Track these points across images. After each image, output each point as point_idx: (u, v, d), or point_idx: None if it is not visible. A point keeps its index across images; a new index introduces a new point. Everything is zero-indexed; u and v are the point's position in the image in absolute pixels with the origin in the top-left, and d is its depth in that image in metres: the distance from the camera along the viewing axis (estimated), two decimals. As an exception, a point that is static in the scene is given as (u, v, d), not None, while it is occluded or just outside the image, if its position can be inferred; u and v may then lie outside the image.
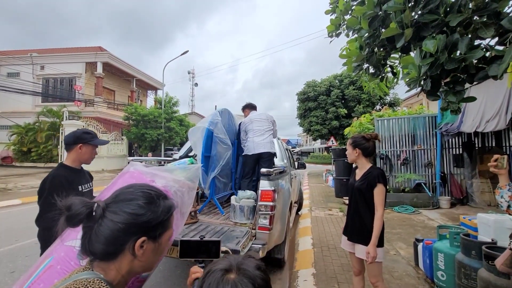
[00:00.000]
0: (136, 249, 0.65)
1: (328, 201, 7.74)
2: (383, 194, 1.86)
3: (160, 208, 0.70)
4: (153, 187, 0.75)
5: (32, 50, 20.18)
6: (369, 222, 1.87)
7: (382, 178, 1.87)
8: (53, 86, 19.66)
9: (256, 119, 3.62)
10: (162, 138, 17.70)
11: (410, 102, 21.51)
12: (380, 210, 1.84)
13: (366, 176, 1.93)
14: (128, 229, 0.65)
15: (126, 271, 0.67)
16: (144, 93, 26.98)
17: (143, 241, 0.65)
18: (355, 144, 2.00)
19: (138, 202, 0.68)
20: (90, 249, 0.64)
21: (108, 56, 19.13)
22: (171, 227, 0.75)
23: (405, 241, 4.05)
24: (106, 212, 0.66)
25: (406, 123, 7.34)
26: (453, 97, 1.83)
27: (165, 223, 0.72)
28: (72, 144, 1.74)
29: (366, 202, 1.91)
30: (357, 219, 1.96)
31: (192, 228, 2.43)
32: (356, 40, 2.51)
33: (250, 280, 0.52)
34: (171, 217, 0.74)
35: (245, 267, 0.54)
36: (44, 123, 15.60)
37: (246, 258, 0.58)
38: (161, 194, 0.74)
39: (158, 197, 0.72)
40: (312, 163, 32.18)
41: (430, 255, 2.75)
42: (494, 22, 1.59)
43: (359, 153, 1.98)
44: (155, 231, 0.68)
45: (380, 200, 1.85)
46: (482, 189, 6.29)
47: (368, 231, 1.84)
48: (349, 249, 2.06)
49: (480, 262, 2.08)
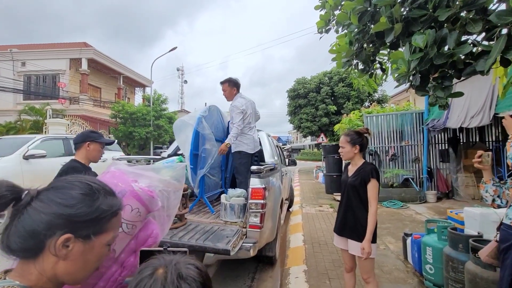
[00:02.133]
0: (57, 248, 0.54)
1: (319, 197, 7.80)
2: (377, 189, 1.86)
3: (98, 202, 0.59)
4: (100, 181, 0.66)
5: (12, 45, 19.34)
6: (362, 218, 1.87)
7: (376, 173, 1.88)
8: (35, 83, 18.92)
9: (254, 111, 3.48)
10: (151, 136, 17.37)
11: (397, 99, 21.91)
12: (374, 205, 1.84)
13: (359, 172, 1.93)
14: (52, 221, 0.54)
15: (51, 275, 0.56)
16: (132, 91, 26.37)
17: (67, 239, 0.54)
18: (353, 141, 1.98)
19: (71, 191, 0.58)
20: (8, 244, 0.54)
21: (93, 52, 18.55)
22: (112, 230, 0.63)
23: (394, 235, 4.12)
24: (34, 200, 0.56)
25: (394, 119, 7.47)
26: (441, 93, 1.84)
27: (102, 223, 0.60)
28: (81, 142, 1.86)
29: (359, 198, 1.91)
30: (350, 215, 1.95)
31: (181, 228, 2.37)
32: (346, 35, 2.50)
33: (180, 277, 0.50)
34: (113, 218, 0.62)
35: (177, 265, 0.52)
36: (26, 121, 15.01)
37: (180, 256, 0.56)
38: (106, 189, 0.64)
39: (99, 191, 0.61)
40: (303, 160, 32.42)
41: (418, 249, 2.79)
42: (481, 18, 1.60)
43: (358, 149, 1.97)
44: (85, 229, 0.57)
45: (374, 195, 1.85)
46: (466, 183, 6.48)
47: (362, 227, 1.84)
48: (342, 246, 2.04)
49: (467, 255, 2.12)
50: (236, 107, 3.28)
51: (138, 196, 0.91)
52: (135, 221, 0.91)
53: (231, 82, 3.41)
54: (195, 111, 3.32)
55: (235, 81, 3.43)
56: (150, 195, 0.94)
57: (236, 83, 3.43)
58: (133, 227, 0.91)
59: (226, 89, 3.43)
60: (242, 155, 3.33)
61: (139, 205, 0.91)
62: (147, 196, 0.93)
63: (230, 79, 3.43)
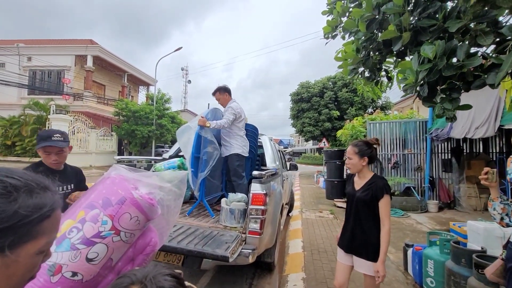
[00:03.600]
0: None
1: (319, 202, 7.75)
2: (389, 205, 1.75)
3: (16, 205, 0.46)
4: (22, 174, 0.51)
5: (19, 40, 19.47)
6: (372, 235, 1.75)
7: (389, 189, 1.76)
8: (40, 78, 19.03)
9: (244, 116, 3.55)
10: (153, 135, 17.39)
11: (401, 106, 21.86)
12: (387, 223, 1.71)
13: (369, 186, 1.79)
14: None
15: None
16: (136, 89, 26.48)
17: None
18: (362, 153, 1.83)
19: None
20: None
21: (99, 50, 18.65)
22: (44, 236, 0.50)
23: (394, 245, 4.07)
24: None
25: (398, 127, 7.43)
26: (449, 105, 1.81)
27: (25, 230, 0.47)
28: None
29: (370, 214, 1.78)
30: (359, 232, 1.82)
31: (180, 232, 2.34)
32: (353, 42, 2.48)
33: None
34: (44, 222, 0.49)
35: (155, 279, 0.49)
36: (30, 116, 15.09)
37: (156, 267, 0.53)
38: (32, 185, 0.50)
39: (18, 190, 0.48)
40: (304, 164, 32.33)
41: (419, 261, 2.74)
42: (492, 30, 1.58)
43: (367, 161, 1.84)
44: (1, 238, 0.45)
45: (387, 213, 1.73)
46: (469, 194, 6.42)
47: (373, 245, 1.73)
48: (346, 261, 1.91)
49: (469, 271, 2.07)
50: (232, 108, 3.36)
51: (137, 204, 0.88)
52: (134, 229, 0.89)
53: (221, 89, 3.49)
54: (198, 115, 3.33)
55: (224, 88, 3.51)
56: (150, 203, 0.91)
57: (225, 89, 3.51)
58: (131, 236, 0.89)
59: (220, 98, 3.51)
60: (239, 157, 3.37)
61: (138, 213, 0.88)
62: (147, 204, 0.90)
63: (219, 87, 3.51)
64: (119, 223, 0.85)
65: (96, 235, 0.81)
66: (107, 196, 0.87)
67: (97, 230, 0.82)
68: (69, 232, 0.82)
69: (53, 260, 0.77)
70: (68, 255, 0.78)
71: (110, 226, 0.83)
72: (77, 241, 0.80)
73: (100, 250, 0.81)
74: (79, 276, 0.78)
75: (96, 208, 0.85)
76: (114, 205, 0.86)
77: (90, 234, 0.81)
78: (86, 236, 0.81)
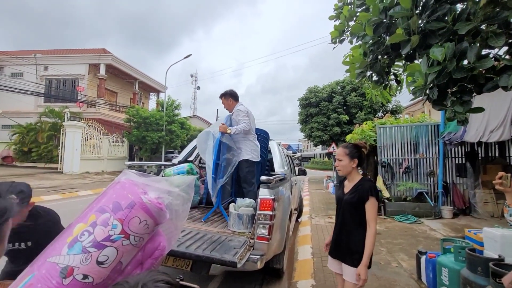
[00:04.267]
0: None
1: (329, 208, 7.64)
2: (375, 208, 1.70)
3: None
4: None
5: (37, 50, 20.31)
6: (357, 239, 1.70)
7: (375, 191, 1.71)
8: (56, 86, 19.73)
9: None
10: (163, 141, 17.65)
11: (412, 110, 21.46)
12: (373, 226, 1.67)
13: (356, 189, 1.76)
14: None
15: None
16: (146, 96, 27.04)
17: None
18: (352, 154, 1.81)
19: None
20: None
21: (111, 58, 19.21)
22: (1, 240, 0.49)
23: (407, 252, 3.96)
24: None
25: (408, 131, 7.29)
26: (460, 108, 1.77)
27: None
28: None
29: (356, 218, 1.74)
30: (344, 236, 1.78)
31: (188, 237, 2.36)
32: (360, 46, 2.47)
33: None
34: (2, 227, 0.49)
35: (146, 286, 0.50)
36: (46, 123, 15.61)
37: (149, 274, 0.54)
38: None
39: None
40: (313, 169, 32.04)
41: (433, 269, 2.66)
42: (504, 31, 1.54)
43: (357, 163, 1.82)
44: None
45: (373, 215, 1.68)
46: (485, 199, 6.19)
47: (357, 250, 1.67)
48: (335, 269, 1.87)
49: (486, 280, 1.99)
50: (241, 110, 3.33)
51: (146, 208, 0.90)
52: (142, 233, 0.90)
53: (226, 95, 3.48)
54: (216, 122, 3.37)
55: (230, 93, 3.49)
56: (159, 207, 0.93)
57: (230, 94, 3.48)
58: (140, 240, 0.90)
59: (224, 103, 3.51)
60: (249, 163, 3.32)
61: (147, 217, 0.90)
62: (156, 208, 0.92)
63: (226, 92, 3.49)
64: (128, 227, 0.86)
65: (106, 238, 0.83)
66: (117, 200, 0.89)
67: (108, 234, 0.84)
68: (80, 236, 0.84)
69: (65, 263, 0.79)
70: (80, 258, 0.80)
71: (120, 230, 0.85)
72: (88, 244, 0.82)
73: (110, 254, 0.83)
74: (90, 278, 0.80)
75: (107, 212, 0.87)
76: (124, 209, 0.88)
77: (101, 238, 0.83)
78: (97, 240, 0.83)
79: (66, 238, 0.86)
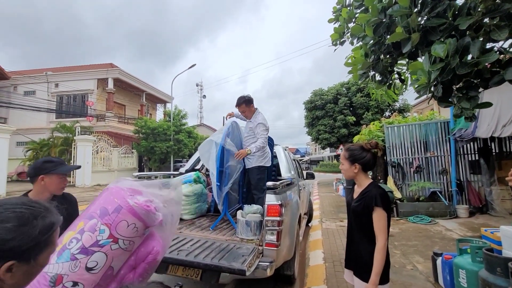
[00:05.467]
0: (1, 274, 0.59)
1: (339, 211, 7.52)
2: (385, 220, 1.47)
3: (37, 229, 0.63)
4: (31, 203, 0.68)
5: (48, 69, 21.04)
6: (365, 252, 1.53)
7: (382, 200, 1.48)
8: (66, 102, 20.32)
9: None
10: (171, 150, 17.86)
11: (420, 108, 21.11)
12: (381, 240, 1.45)
13: (363, 196, 1.57)
14: None
15: None
16: (154, 107, 27.51)
17: (11, 265, 0.60)
18: (353, 158, 1.61)
19: (6, 225, 0.61)
20: None
21: (118, 72, 19.70)
22: (52, 244, 0.68)
23: (422, 254, 3.84)
24: None
25: (418, 129, 7.15)
26: (467, 103, 1.73)
27: (43, 243, 0.65)
28: (33, 177, 1.58)
29: (362, 228, 1.56)
30: (353, 248, 1.64)
31: (197, 246, 2.35)
32: (361, 47, 2.46)
33: None
34: (53, 234, 0.67)
35: None
36: (58, 138, 16.04)
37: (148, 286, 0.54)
38: (39, 212, 0.67)
39: (35, 217, 0.65)
40: (322, 172, 31.70)
41: (450, 271, 2.57)
42: (507, 24, 1.51)
43: (359, 169, 1.60)
44: (28, 254, 0.62)
45: (381, 227, 1.46)
46: (502, 196, 5.98)
47: (365, 263, 1.51)
48: (350, 280, 1.70)
49: (507, 281, 1.91)
50: (263, 124, 3.28)
51: (134, 211, 0.90)
52: (132, 236, 0.90)
53: (246, 101, 3.37)
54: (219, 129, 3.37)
55: (249, 99, 3.39)
56: (147, 210, 0.93)
57: (250, 100, 3.39)
58: (130, 243, 0.90)
59: (245, 110, 3.38)
60: (261, 170, 3.30)
61: (135, 220, 0.90)
62: (143, 210, 0.92)
63: (244, 99, 3.37)
64: (116, 231, 0.86)
65: (94, 244, 0.83)
66: (104, 205, 0.90)
67: (95, 239, 0.84)
68: (69, 243, 0.84)
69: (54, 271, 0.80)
70: (68, 265, 0.80)
71: (108, 235, 0.85)
72: (76, 251, 0.82)
73: (99, 259, 0.83)
74: (79, 286, 0.80)
75: (94, 218, 0.87)
76: (111, 213, 0.88)
77: (89, 244, 0.83)
78: (85, 246, 0.83)
79: None
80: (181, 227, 2.98)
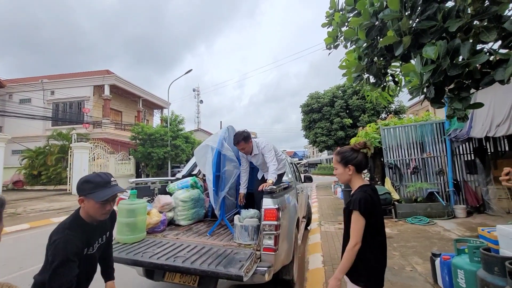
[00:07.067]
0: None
1: (338, 214, 7.51)
2: (359, 224, 1.47)
3: None
4: None
5: (43, 76, 20.96)
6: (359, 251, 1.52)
7: (360, 204, 1.47)
8: (62, 110, 20.21)
9: None
10: (168, 156, 17.77)
11: (416, 109, 21.27)
12: (352, 241, 1.46)
13: (350, 198, 1.57)
14: None
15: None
16: (151, 113, 27.45)
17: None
18: (345, 161, 1.59)
19: None
20: None
21: (115, 79, 19.68)
22: None
23: (421, 255, 3.83)
24: None
25: (413, 130, 7.20)
26: (459, 104, 1.75)
27: None
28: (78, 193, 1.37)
29: (349, 230, 1.56)
30: (344, 248, 1.62)
31: (194, 252, 2.33)
32: (355, 50, 2.48)
33: None
34: None
35: None
36: (54, 146, 15.93)
37: None
38: None
39: None
40: (320, 175, 31.71)
41: (449, 272, 2.56)
42: (495, 26, 1.54)
43: (353, 170, 1.58)
44: None
45: (354, 230, 1.47)
46: (499, 195, 6.01)
47: (354, 265, 1.50)
48: None
49: (504, 280, 1.91)
50: (267, 147, 3.23)
51: None
52: None
53: (245, 138, 3.16)
54: (215, 133, 3.34)
55: (247, 135, 3.20)
56: None
57: (248, 137, 3.20)
58: None
59: (244, 146, 3.17)
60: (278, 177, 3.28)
61: None
62: None
63: (242, 136, 3.15)
64: None
65: None
66: None
67: None
68: None
69: None
70: None
71: None
72: None
73: None
74: None
75: None
76: None
77: None
78: None
79: None
80: (178, 233, 2.95)
